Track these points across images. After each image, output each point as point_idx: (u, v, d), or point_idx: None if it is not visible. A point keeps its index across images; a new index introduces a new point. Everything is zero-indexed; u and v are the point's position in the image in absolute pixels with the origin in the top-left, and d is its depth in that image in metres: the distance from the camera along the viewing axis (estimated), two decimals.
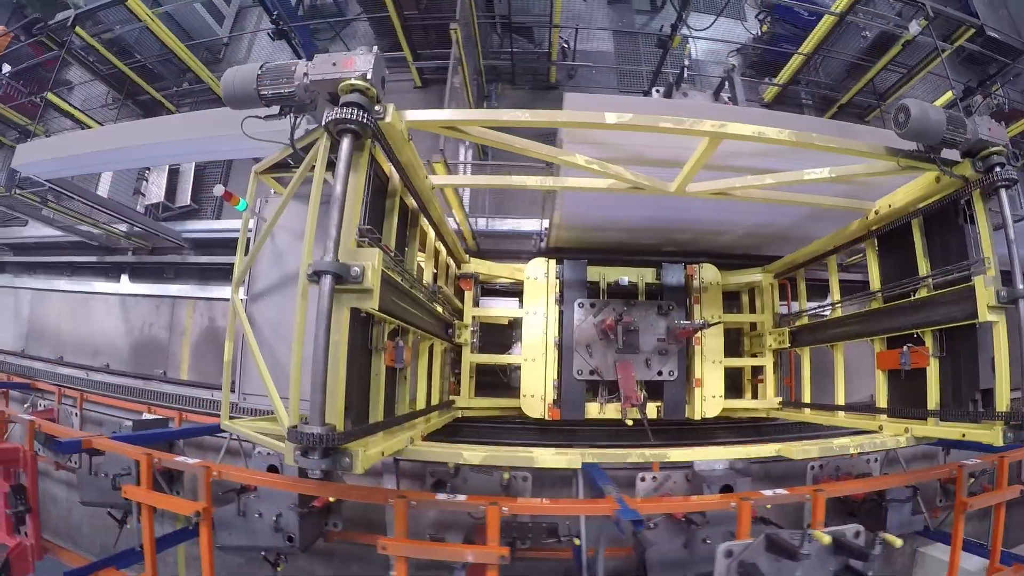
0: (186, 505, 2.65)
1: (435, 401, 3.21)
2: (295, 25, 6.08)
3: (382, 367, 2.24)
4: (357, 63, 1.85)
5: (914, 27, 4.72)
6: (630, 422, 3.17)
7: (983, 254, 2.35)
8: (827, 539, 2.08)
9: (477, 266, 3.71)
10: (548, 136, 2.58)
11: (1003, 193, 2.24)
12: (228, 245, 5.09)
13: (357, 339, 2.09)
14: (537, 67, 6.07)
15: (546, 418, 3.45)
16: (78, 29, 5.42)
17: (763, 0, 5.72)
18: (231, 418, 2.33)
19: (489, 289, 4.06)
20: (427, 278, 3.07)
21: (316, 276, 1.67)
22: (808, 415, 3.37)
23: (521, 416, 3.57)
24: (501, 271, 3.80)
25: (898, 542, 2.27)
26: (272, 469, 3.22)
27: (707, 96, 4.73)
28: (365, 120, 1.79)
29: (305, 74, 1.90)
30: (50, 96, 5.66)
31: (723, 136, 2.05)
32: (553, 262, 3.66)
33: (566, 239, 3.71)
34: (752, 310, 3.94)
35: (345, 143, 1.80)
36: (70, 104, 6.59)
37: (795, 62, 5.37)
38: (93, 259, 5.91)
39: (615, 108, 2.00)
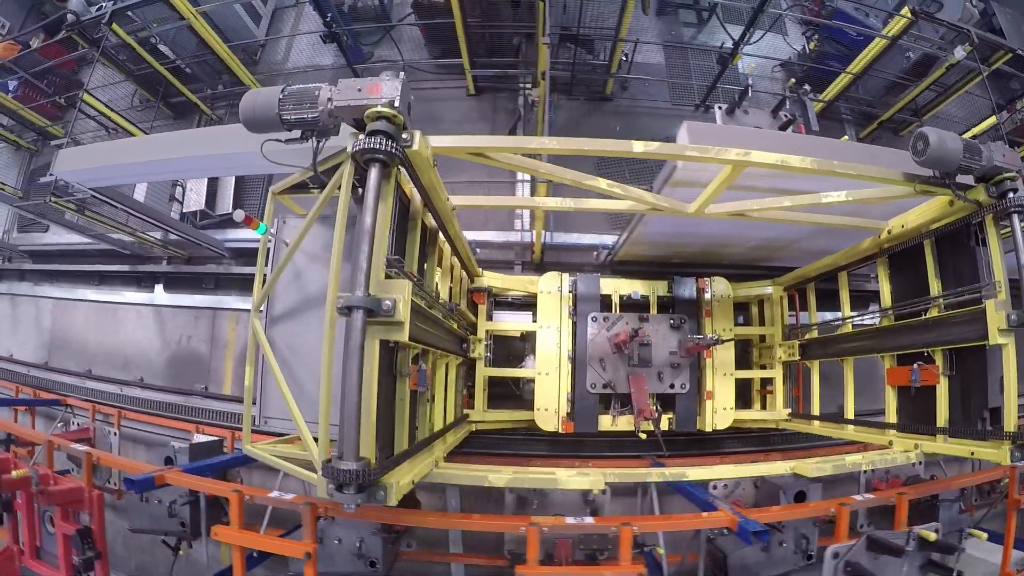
0: (293, 547, 2.36)
1: (451, 417, 3.22)
2: (344, 29, 5.91)
3: (407, 392, 2.24)
4: (384, 89, 1.82)
5: (959, 52, 4.82)
6: (643, 435, 3.20)
7: (994, 278, 2.39)
8: (933, 536, 2.26)
9: (491, 280, 3.71)
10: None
11: (1016, 218, 2.26)
12: None
13: (383, 366, 2.08)
14: (593, 79, 6.00)
15: (560, 431, 3.47)
16: (114, 26, 5.16)
17: (806, 17, 5.73)
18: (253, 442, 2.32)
19: (502, 302, 4.06)
20: (444, 295, 3.06)
21: (347, 310, 1.66)
22: (817, 427, 3.43)
23: (534, 427, 3.59)
24: (514, 284, 3.80)
25: (983, 535, 2.44)
26: None
27: (766, 114, 4.70)
28: (393, 150, 1.77)
29: (329, 99, 1.87)
30: (86, 97, 5.28)
31: (747, 164, 2.07)
32: (567, 275, 3.67)
33: (631, 254, 3.89)
34: (762, 321, 3.98)
35: (373, 174, 1.78)
36: (108, 107, 6.17)
37: (842, 80, 5.42)
38: (124, 268, 5.72)
39: (729, 139, 2.05)
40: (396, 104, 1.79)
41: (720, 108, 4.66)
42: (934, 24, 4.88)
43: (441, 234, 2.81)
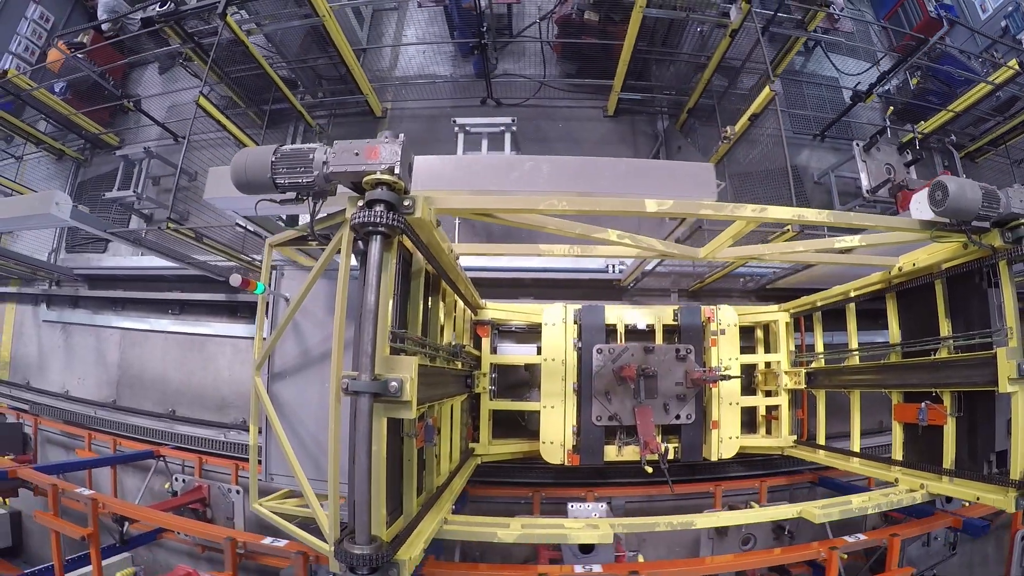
0: None
1: (456, 453, 3.19)
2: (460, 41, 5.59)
3: (414, 452, 2.20)
4: (382, 154, 1.72)
5: None
6: (649, 469, 3.19)
7: (1006, 324, 2.35)
8: None
9: (494, 312, 3.64)
10: None
11: None
12: None
13: (390, 433, 2.03)
14: (736, 108, 5.70)
15: (565, 464, 3.45)
16: (229, 18, 4.42)
17: (919, 61, 5.69)
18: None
19: (506, 331, 4.00)
20: (448, 335, 3.00)
21: (354, 393, 1.61)
22: (822, 457, 3.42)
23: (540, 457, 3.57)
24: (518, 315, 3.73)
25: None
26: None
27: (893, 150, 4.89)
28: (394, 222, 1.69)
29: (325, 162, 1.78)
30: (201, 101, 4.28)
31: (763, 219, 1.99)
32: (571, 306, 3.61)
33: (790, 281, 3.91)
34: (767, 345, 3.95)
35: (375, 247, 1.70)
36: (223, 113, 4.88)
37: (943, 117, 5.58)
38: (219, 297, 4.87)
39: None
40: (396, 171, 1.70)
41: (858, 144, 4.89)
42: None
43: (444, 281, 2.72)
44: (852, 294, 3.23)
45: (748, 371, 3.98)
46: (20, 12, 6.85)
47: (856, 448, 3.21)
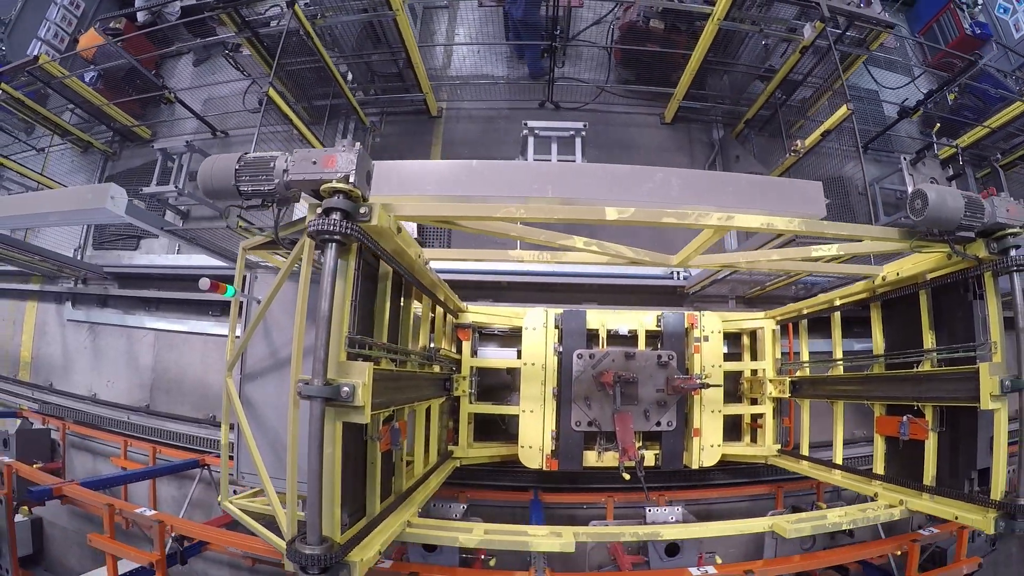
0: None
1: (433, 458, 3.20)
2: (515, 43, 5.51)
3: (378, 455, 2.20)
4: (339, 162, 1.73)
5: None
6: (627, 476, 3.13)
7: (990, 338, 2.24)
8: None
9: (475, 316, 3.64)
10: None
11: (1016, 278, 2.12)
12: (467, 287, 4.21)
13: (350, 436, 2.05)
14: (788, 119, 5.90)
15: (544, 469, 3.43)
16: (297, 7, 4.26)
17: (964, 81, 5.81)
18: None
19: (488, 335, 3.99)
20: (423, 340, 3.00)
21: (309, 400, 1.63)
22: (806, 468, 3.30)
23: (520, 461, 3.55)
24: (500, 318, 3.72)
25: None
26: None
27: (936, 164, 5.01)
28: (349, 230, 1.70)
29: (285, 170, 1.80)
30: (271, 93, 4.12)
31: (729, 228, 1.93)
32: (552, 311, 3.58)
33: None
34: (753, 352, 3.84)
35: (330, 254, 1.72)
36: (290, 106, 4.78)
37: (978, 132, 5.72)
38: None
39: None
40: (351, 179, 1.72)
41: (905, 158, 5.03)
42: None
43: (416, 287, 2.72)
44: (837, 302, 3.12)
45: (734, 378, 3.87)
46: None
47: (838, 460, 3.09)
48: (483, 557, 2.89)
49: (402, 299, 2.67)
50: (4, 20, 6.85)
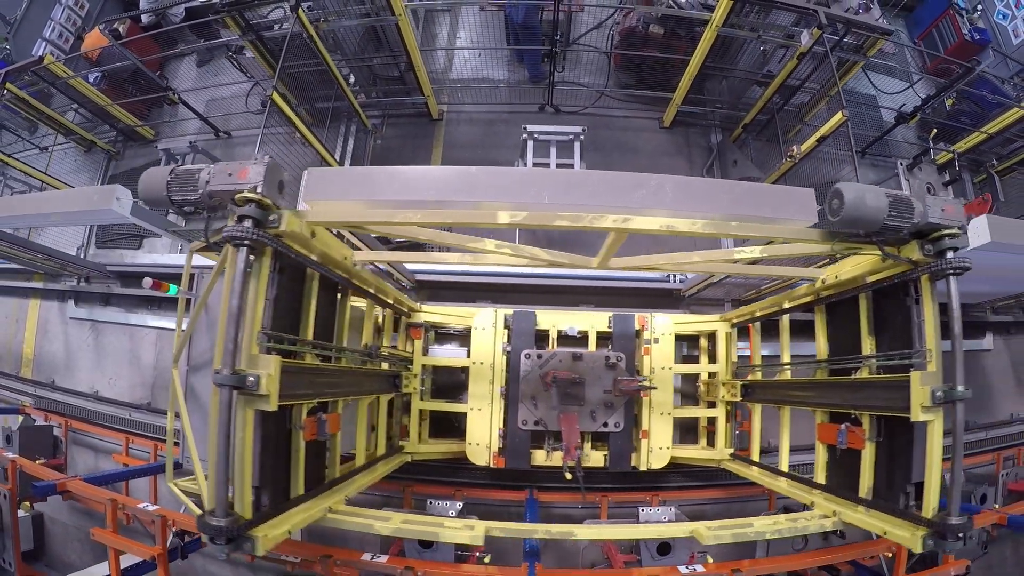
0: None
1: (381, 450, 3.30)
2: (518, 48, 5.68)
3: (301, 443, 2.36)
4: (250, 174, 1.90)
5: None
6: (568, 476, 3.14)
7: (925, 346, 2.13)
8: None
9: (428, 315, 3.70)
10: None
11: (952, 282, 2.03)
12: (455, 287, 4.47)
13: (275, 421, 2.21)
14: (786, 124, 6.01)
15: (491, 466, 3.47)
16: (300, 11, 4.38)
17: (960, 87, 5.83)
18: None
19: (444, 334, 4.04)
20: (367, 338, 3.08)
21: (219, 388, 1.81)
22: (755, 474, 3.25)
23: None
24: (452, 318, 3.78)
25: None
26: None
27: (932, 170, 5.15)
28: (257, 235, 1.88)
29: (207, 182, 1.97)
30: (274, 97, 4.20)
31: (627, 231, 1.92)
32: (502, 311, 3.60)
33: None
34: (712, 355, 3.77)
35: (240, 257, 1.89)
36: (292, 109, 4.79)
37: (975, 138, 5.76)
38: None
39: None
40: (259, 189, 1.88)
41: (902, 164, 5.18)
42: None
43: (353, 290, 2.79)
44: (786, 305, 3.05)
45: (692, 381, 3.80)
46: None
47: (784, 467, 3.02)
48: (478, 555, 2.95)
49: (338, 299, 2.74)
50: (9, 20, 7.05)
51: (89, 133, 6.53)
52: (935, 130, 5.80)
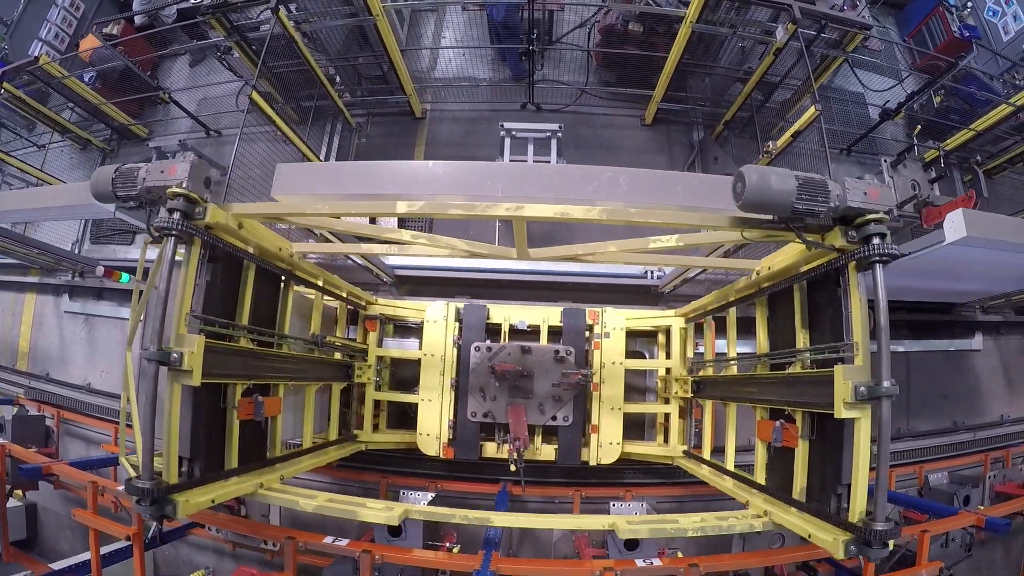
0: None
1: (333, 436, 3.38)
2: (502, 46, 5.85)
3: (235, 422, 2.54)
4: (178, 171, 2.11)
5: None
6: (513, 467, 3.16)
7: (853, 338, 2.08)
8: None
9: (383, 308, 3.77)
10: None
11: (878, 270, 1.93)
12: (435, 283, 4.56)
13: (208, 399, 2.39)
14: (768, 121, 6.13)
15: (441, 456, 3.52)
16: (281, 13, 4.57)
17: (946, 83, 5.95)
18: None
19: (403, 328, 4.11)
20: (315, 328, 3.16)
21: (146, 362, 2.02)
22: (706, 472, 3.21)
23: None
24: (406, 311, 3.85)
25: None
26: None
27: (918, 167, 5.03)
28: (183, 226, 2.07)
29: (144, 179, 2.18)
30: (254, 95, 4.36)
31: (523, 219, 1.94)
32: (454, 304, 3.65)
33: None
34: (669, 353, 3.72)
35: (168, 246, 2.11)
36: (278, 107, 5.06)
37: (964, 135, 5.80)
38: None
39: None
40: (184, 184, 2.08)
41: (886, 161, 5.02)
42: None
43: (297, 282, 2.87)
44: (732, 298, 3.00)
45: (648, 377, 3.77)
46: None
47: (730, 466, 2.97)
48: (448, 546, 3.06)
49: (281, 289, 2.83)
50: (6, 21, 7.33)
51: (84, 131, 6.85)
52: (919, 126, 5.78)
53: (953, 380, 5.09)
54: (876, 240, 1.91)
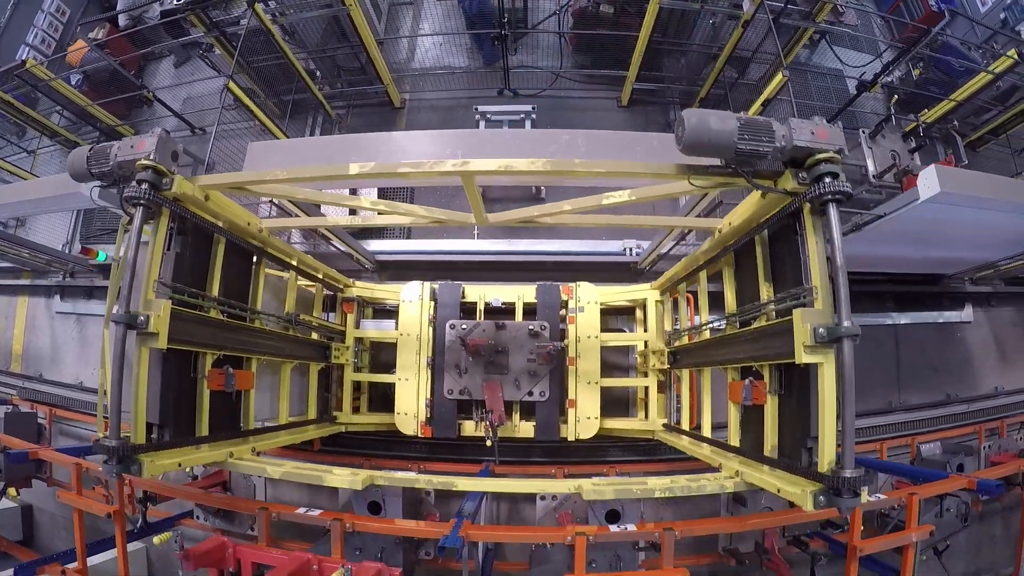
0: None
1: (312, 415, 3.42)
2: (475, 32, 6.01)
3: (206, 392, 2.66)
4: (146, 145, 2.26)
5: None
6: (489, 443, 3.19)
7: (811, 282, 2.08)
8: None
9: (360, 291, 3.84)
10: None
11: (832, 209, 1.94)
12: (418, 267, 4.70)
13: (178, 368, 2.51)
14: (746, 98, 6.18)
15: (419, 435, 3.55)
16: (257, 7, 4.72)
17: (920, 52, 6.12)
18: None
19: (382, 310, 4.17)
20: (289, 307, 3.22)
21: (114, 324, 2.17)
22: (686, 444, 3.22)
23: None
24: (382, 293, 3.92)
25: None
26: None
27: (897, 137, 5.10)
28: (150, 196, 2.21)
29: (116, 155, 2.34)
30: (231, 86, 4.54)
31: (471, 174, 1.99)
32: (429, 284, 3.70)
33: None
34: (648, 328, 3.75)
35: (137, 215, 2.25)
36: (260, 101, 5.18)
37: (945, 106, 5.90)
38: None
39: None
40: (152, 156, 2.23)
41: (864, 132, 5.07)
42: None
43: (269, 259, 2.95)
44: (700, 261, 3.02)
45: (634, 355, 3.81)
46: (37, 5, 7.36)
47: (707, 433, 2.98)
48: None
49: (253, 267, 2.88)
50: None
51: (73, 134, 7.07)
52: (896, 96, 5.86)
53: (944, 352, 5.11)
54: (828, 179, 1.90)
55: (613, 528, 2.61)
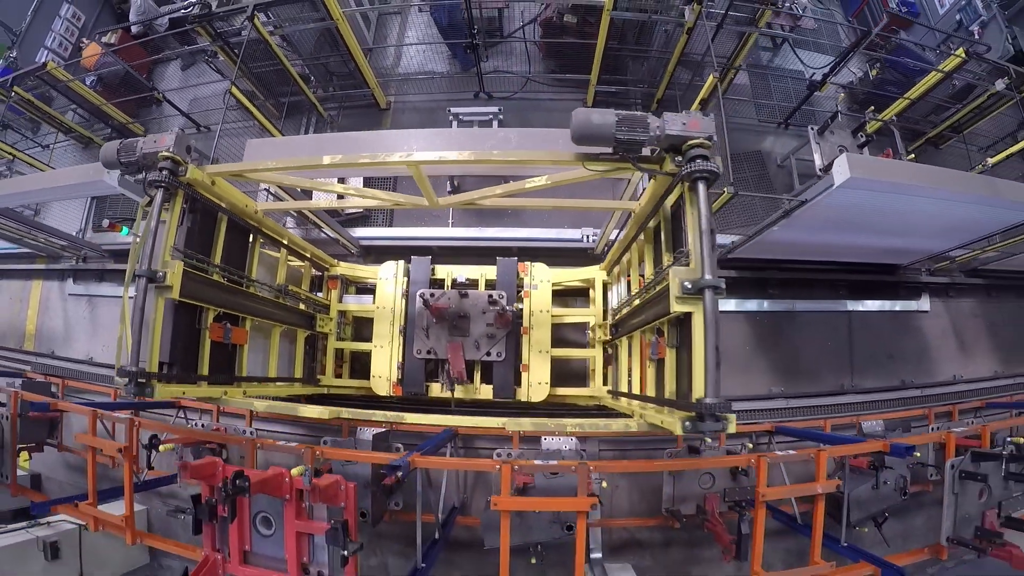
0: None
1: (298, 374, 4.26)
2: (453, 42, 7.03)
3: (207, 341, 3.49)
4: (167, 141, 3.11)
5: (1000, 84, 6.13)
6: (449, 393, 3.99)
7: (687, 247, 2.68)
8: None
9: (343, 270, 4.72)
10: None
11: (700, 186, 2.51)
12: (395, 252, 5.35)
13: (187, 320, 3.31)
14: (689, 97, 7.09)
15: (391, 394, 4.38)
16: (256, 20, 5.66)
17: (875, 55, 7.02)
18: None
19: (364, 289, 5.04)
20: (280, 280, 4.09)
21: (138, 278, 2.97)
22: (624, 404, 3.97)
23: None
24: (363, 272, 4.77)
25: None
26: None
27: (848, 133, 5.95)
28: (169, 180, 3.05)
29: (142, 148, 3.18)
30: (233, 91, 5.48)
31: (415, 163, 2.82)
32: (403, 263, 4.55)
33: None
34: (596, 304, 4.54)
35: (158, 196, 3.11)
36: (259, 103, 6.15)
37: (900, 104, 6.66)
38: None
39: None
40: (171, 149, 3.07)
41: (812, 128, 5.89)
42: (980, 61, 6.31)
43: (263, 237, 3.83)
44: (628, 239, 3.79)
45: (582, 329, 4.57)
46: (55, 11, 8.61)
47: (625, 388, 3.72)
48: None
49: (250, 242, 3.78)
50: (15, 31, 8.72)
51: (86, 131, 8.21)
52: (842, 95, 6.60)
53: (900, 341, 5.71)
54: (698, 161, 2.45)
55: (537, 462, 3.27)
